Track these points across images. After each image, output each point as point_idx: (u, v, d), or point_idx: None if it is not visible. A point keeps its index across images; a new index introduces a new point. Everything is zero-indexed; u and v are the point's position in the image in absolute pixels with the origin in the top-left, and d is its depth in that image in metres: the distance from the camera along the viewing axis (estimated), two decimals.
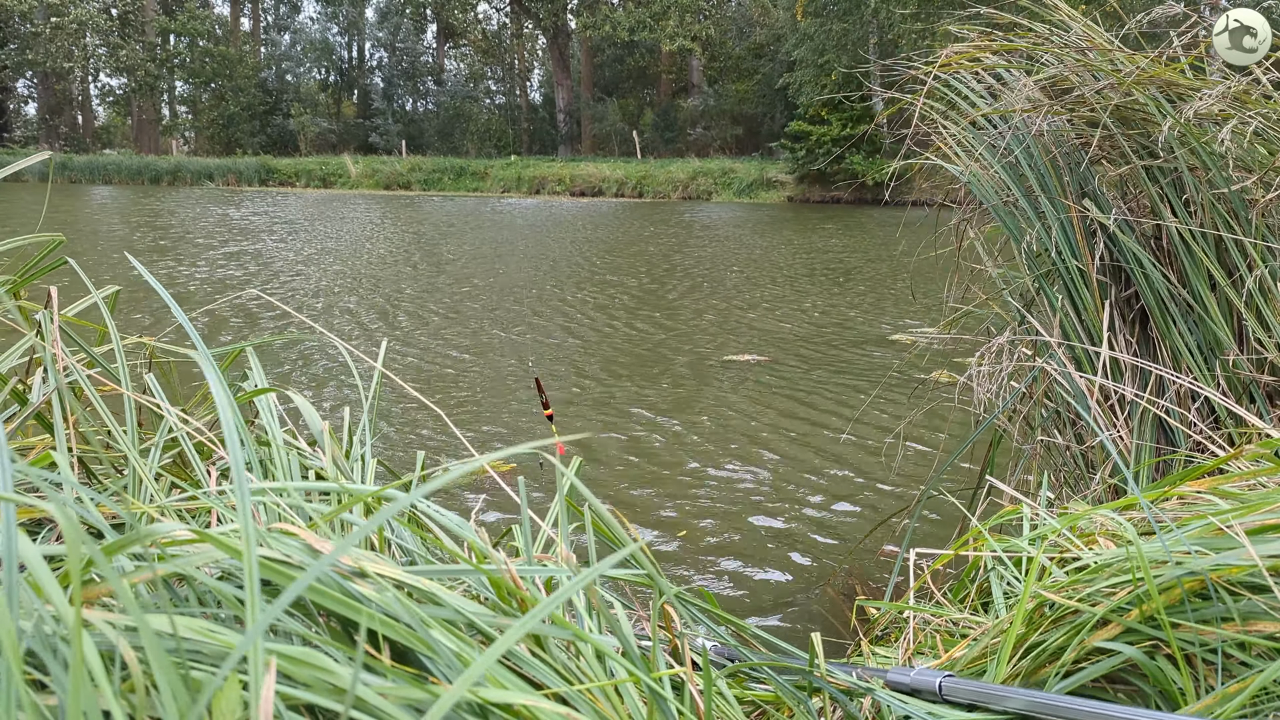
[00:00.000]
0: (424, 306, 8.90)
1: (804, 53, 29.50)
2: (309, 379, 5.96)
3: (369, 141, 43.34)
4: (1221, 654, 1.17)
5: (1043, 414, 2.39)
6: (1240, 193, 2.12)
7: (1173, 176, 2.19)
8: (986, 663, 1.32)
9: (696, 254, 13.87)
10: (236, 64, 45.12)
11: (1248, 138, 2.11)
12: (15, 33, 41.57)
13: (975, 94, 2.55)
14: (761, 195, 27.82)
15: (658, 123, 41.58)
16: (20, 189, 27.99)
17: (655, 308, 9.06)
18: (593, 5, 40.60)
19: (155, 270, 11.16)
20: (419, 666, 0.84)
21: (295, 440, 1.47)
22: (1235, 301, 2.09)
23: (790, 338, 7.58)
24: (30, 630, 0.66)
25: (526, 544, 1.18)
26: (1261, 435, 1.84)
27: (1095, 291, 2.25)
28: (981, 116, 2.51)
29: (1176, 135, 2.14)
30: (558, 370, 6.39)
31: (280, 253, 13.32)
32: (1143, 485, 1.87)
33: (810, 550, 3.42)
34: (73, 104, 47.57)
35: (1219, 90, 2.13)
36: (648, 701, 0.97)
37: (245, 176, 34.49)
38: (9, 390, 1.36)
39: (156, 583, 0.80)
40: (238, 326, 7.84)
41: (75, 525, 0.57)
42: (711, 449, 4.60)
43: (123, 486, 1.28)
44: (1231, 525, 1.26)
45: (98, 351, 1.45)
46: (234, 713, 0.66)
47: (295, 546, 0.87)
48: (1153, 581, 1.18)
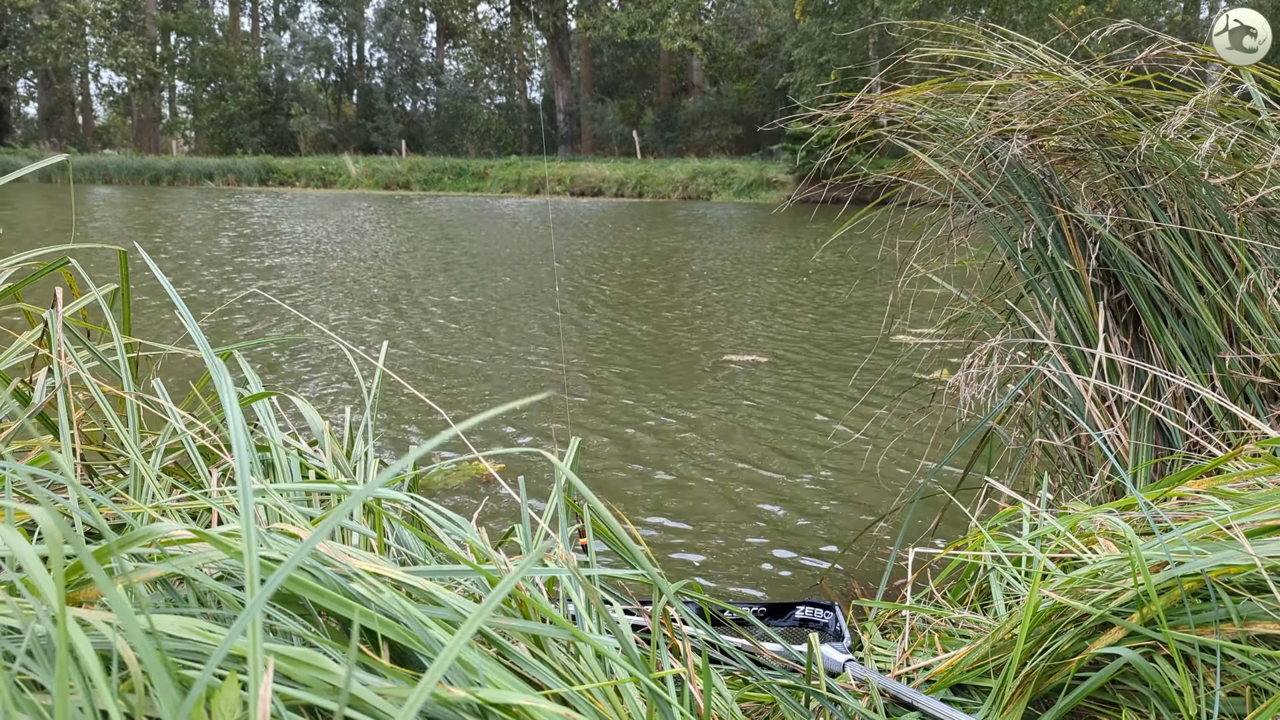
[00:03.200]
0: (423, 306, 8.90)
1: (803, 52, 29.50)
2: (310, 379, 5.96)
3: (369, 141, 43.34)
4: (1220, 655, 1.17)
5: (1040, 415, 2.39)
6: (1219, 199, 2.13)
7: (1152, 184, 2.20)
8: (989, 664, 1.32)
9: (696, 254, 13.87)
10: (236, 64, 45.12)
11: (1229, 148, 2.12)
12: (15, 32, 41.57)
13: (949, 120, 2.56)
14: (761, 195, 27.81)
15: (658, 123, 41.57)
16: (20, 189, 27.99)
17: (655, 307, 9.06)
18: (593, 5, 40.59)
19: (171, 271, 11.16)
20: (419, 667, 0.84)
21: (296, 441, 1.47)
22: (1224, 304, 2.10)
23: (790, 337, 7.58)
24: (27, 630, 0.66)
25: (526, 544, 1.18)
26: (1260, 435, 1.84)
27: (1089, 293, 2.26)
28: (962, 142, 2.52)
29: (1155, 150, 2.15)
30: (558, 369, 6.39)
31: (280, 252, 13.32)
32: (1141, 486, 1.87)
33: (809, 550, 3.43)
34: (73, 104, 47.56)
35: (1192, 103, 2.14)
36: (647, 701, 0.97)
37: (245, 176, 34.48)
38: (11, 390, 1.36)
39: (155, 582, 0.80)
40: (241, 324, 7.84)
41: (57, 525, 0.57)
42: (710, 448, 4.61)
43: (124, 488, 1.28)
44: (1231, 526, 1.26)
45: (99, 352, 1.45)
46: (233, 712, 0.66)
47: (292, 546, 0.87)
48: (1152, 586, 1.18)
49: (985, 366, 2.37)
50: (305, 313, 8.48)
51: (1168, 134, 2.12)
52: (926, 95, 2.52)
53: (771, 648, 1.40)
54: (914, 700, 1.24)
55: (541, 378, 6.13)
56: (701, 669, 1.03)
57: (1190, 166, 2.14)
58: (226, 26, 48.64)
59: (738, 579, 3.21)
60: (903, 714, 1.27)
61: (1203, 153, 2.04)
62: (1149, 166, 2.21)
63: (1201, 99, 2.17)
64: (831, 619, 1.68)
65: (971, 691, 1.36)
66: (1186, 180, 2.16)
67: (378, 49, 49.38)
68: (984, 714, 1.26)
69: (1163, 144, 2.13)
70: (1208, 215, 2.16)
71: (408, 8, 47.13)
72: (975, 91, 2.39)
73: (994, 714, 1.25)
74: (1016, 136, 2.32)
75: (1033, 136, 2.33)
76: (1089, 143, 2.28)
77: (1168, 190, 2.18)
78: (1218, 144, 2.09)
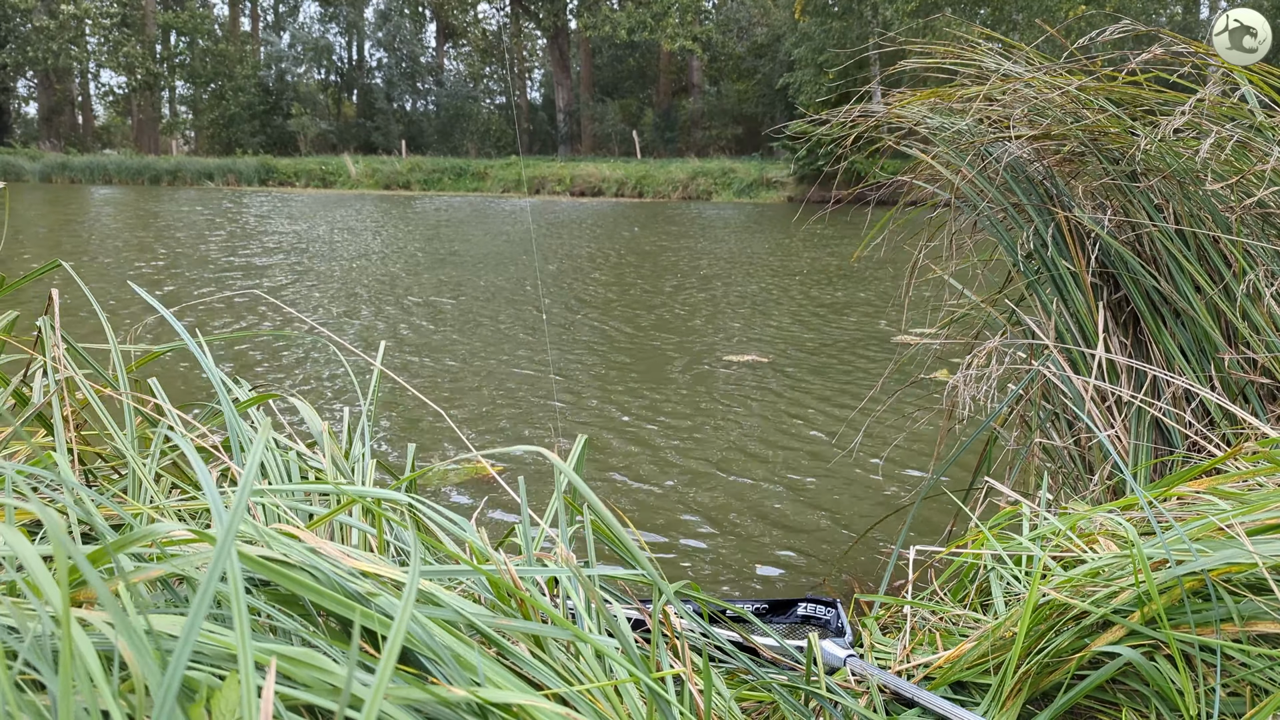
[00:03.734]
0: (424, 305, 8.90)
1: (803, 52, 29.50)
2: (311, 380, 5.96)
3: (369, 141, 43.33)
4: (1221, 655, 1.17)
5: (1040, 415, 2.40)
6: (1216, 200, 2.13)
7: (1148, 185, 2.20)
8: (989, 661, 1.32)
9: (697, 254, 13.87)
10: (236, 64, 45.12)
11: (1227, 150, 2.12)
12: (16, 31, 41.57)
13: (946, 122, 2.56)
14: (761, 195, 27.82)
15: (658, 123, 41.58)
16: (21, 188, 27.99)
17: (655, 307, 9.06)
18: (592, 6, 40.59)
19: (155, 270, 11.17)
20: (419, 667, 0.84)
21: (295, 443, 1.47)
22: (1221, 305, 2.10)
23: (790, 337, 7.58)
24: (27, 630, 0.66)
25: (527, 544, 1.18)
26: (1259, 435, 1.84)
27: (1089, 294, 2.26)
28: (961, 145, 2.53)
29: (1153, 151, 2.16)
30: (558, 368, 6.39)
31: (281, 252, 13.33)
32: (1141, 485, 1.87)
33: (808, 549, 3.43)
34: (73, 104, 47.56)
35: (1190, 104, 2.14)
36: (647, 701, 0.97)
37: (245, 176, 34.48)
38: (10, 391, 1.36)
39: (155, 582, 0.80)
40: (226, 323, 7.85)
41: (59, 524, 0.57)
42: (710, 448, 4.61)
43: (122, 489, 1.28)
44: (1231, 525, 1.26)
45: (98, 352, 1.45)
46: (233, 712, 0.66)
47: (288, 544, 0.87)
48: (1154, 584, 1.18)
49: (986, 367, 2.37)
50: (309, 314, 8.47)
51: (1165, 135, 2.12)
52: (927, 102, 2.53)
53: (770, 645, 1.40)
54: (914, 695, 1.24)
55: (541, 376, 6.13)
56: (701, 669, 1.03)
57: (1186, 168, 2.14)
58: (226, 26, 48.63)
59: (737, 578, 3.22)
60: (902, 712, 1.27)
61: (1201, 154, 2.05)
62: (1146, 167, 2.21)
63: (1199, 101, 2.17)
64: (833, 615, 1.69)
65: (971, 690, 1.36)
66: (1182, 181, 2.16)
67: (378, 49, 49.39)
68: (983, 710, 1.26)
69: (1159, 146, 2.13)
70: (1204, 216, 2.16)
71: (407, 8, 47.11)
72: (968, 99, 2.40)
73: (993, 710, 1.25)
74: (1014, 139, 2.32)
75: (1031, 140, 2.33)
76: (1084, 145, 2.29)
77: (1163, 191, 2.19)
78: (1215, 146, 2.09)
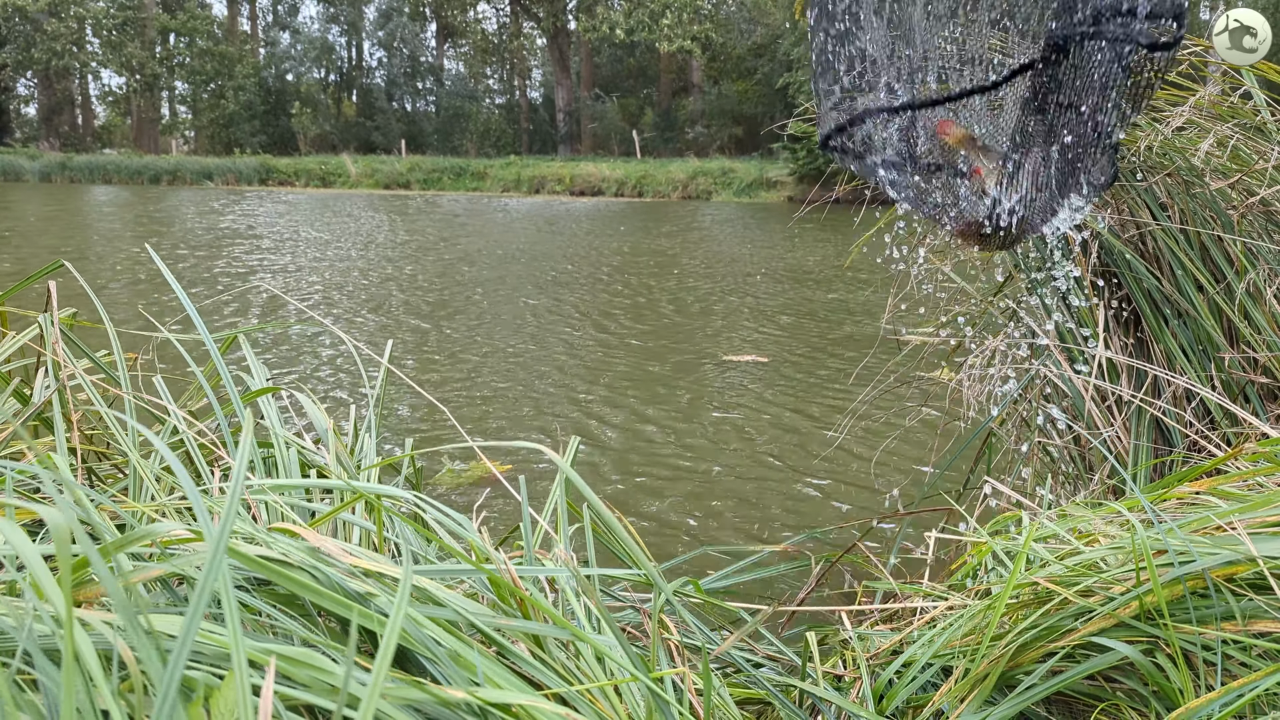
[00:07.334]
0: (423, 305, 8.90)
1: (803, 52, 29.51)
2: (313, 378, 5.96)
3: (369, 141, 43.31)
4: (1221, 654, 1.17)
5: (1040, 415, 2.39)
6: (1219, 199, 2.13)
7: (1147, 182, 2.20)
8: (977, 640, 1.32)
9: (696, 253, 13.86)
10: (236, 64, 45.10)
11: (1229, 149, 2.12)
12: (17, 32, 41.56)
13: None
14: (761, 195, 27.81)
15: (658, 123, 41.56)
16: (21, 189, 27.99)
17: (655, 307, 9.06)
18: (592, 6, 40.57)
19: (154, 271, 11.16)
20: (419, 667, 0.84)
21: (300, 440, 1.47)
22: (1223, 304, 2.10)
23: (791, 337, 7.58)
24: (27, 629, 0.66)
25: (528, 543, 1.18)
26: (1260, 435, 1.84)
27: (1090, 293, 2.26)
28: None
29: (1155, 150, 2.16)
30: (558, 368, 6.39)
31: (281, 253, 13.33)
32: (1141, 485, 1.87)
33: (807, 549, 3.43)
34: (73, 104, 47.56)
35: (1190, 103, 2.14)
36: (647, 701, 0.97)
37: (245, 176, 34.45)
38: (11, 391, 1.36)
39: (155, 582, 0.80)
40: (240, 324, 7.84)
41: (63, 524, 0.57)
42: (710, 447, 4.61)
43: (123, 489, 1.28)
44: (1232, 523, 1.26)
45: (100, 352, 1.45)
46: (232, 712, 0.66)
47: (288, 543, 0.87)
48: (1155, 571, 1.17)
49: (987, 367, 2.37)
50: (315, 311, 8.47)
51: (1165, 133, 2.12)
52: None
53: (767, 647, 1.40)
54: None
55: (541, 377, 6.13)
56: (701, 670, 1.03)
57: (1189, 166, 2.14)
58: (225, 26, 48.60)
59: (735, 576, 3.21)
60: (897, 711, 1.27)
61: (1202, 152, 2.04)
62: (1148, 165, 2.21)
63: (1200, 99, 2.17)
64: None
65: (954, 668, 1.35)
66: (1185, 180, 2.16)
67: (378, 49, 49.38)
68: (950, 688, 1.25)
69: (1162, 143, 2.13)
70: (1207, 215, 2.16)
71: (408, 7, 47.09)
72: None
73: (964, 687, 1.24)
74: None
75: None
76: None
77: (1166, 189, 2.18)
78: (1217, 144, 2.09)
